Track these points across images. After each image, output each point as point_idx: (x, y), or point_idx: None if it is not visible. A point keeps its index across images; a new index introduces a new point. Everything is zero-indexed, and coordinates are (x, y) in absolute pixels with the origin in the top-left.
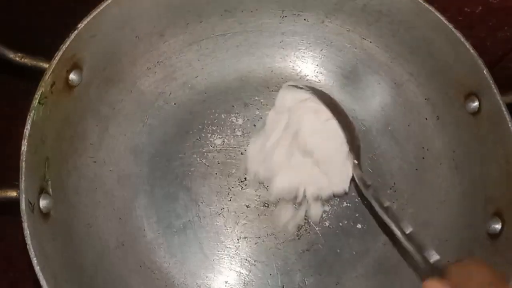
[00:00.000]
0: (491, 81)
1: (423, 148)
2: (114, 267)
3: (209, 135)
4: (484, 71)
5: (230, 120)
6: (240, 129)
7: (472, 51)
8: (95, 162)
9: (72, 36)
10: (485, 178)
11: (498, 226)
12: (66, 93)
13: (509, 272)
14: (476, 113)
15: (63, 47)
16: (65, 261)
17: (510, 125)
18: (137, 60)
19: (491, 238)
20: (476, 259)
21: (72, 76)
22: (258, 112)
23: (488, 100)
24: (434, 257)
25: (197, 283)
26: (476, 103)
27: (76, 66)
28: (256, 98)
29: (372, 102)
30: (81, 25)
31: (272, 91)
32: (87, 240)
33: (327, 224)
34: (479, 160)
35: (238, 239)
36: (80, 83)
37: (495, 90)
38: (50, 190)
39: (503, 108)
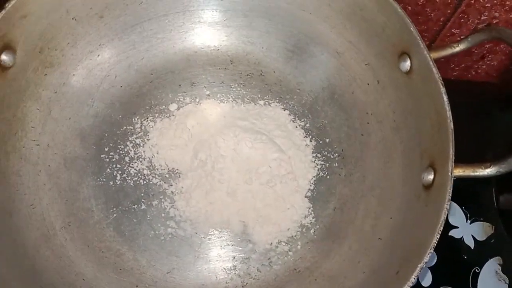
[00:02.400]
0: (419, 38)
1: (367, 113)
2: (60, 247)
3: (157, 115)
4: (411, 28)
5: (177, 99)
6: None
7: (399, 10)
8: (38, 145)
9: (0, 15)
10: (420, 132)
11: (431, 177)
12: None
13: (437, 220)
14: (409, 71)
15: None
16: (1, 239)
17: (437, 78)
18: (77, 42)
19: (426, 189)
20: None
21: (4, 57)
22: (205, 90)
23: (418, 57)
24: None
25: (147, 259)
26: (408, 62)
27: (7, 47)
28: (203, 76)
29: (317, 73)
30: (8, 5)
31: (219, 69)
32: (30, 221)
33: None
34: (414, 117)
35: (188, 215)
36: (14, 64)
37: (423, 47)
38: None
39: (431, 63)
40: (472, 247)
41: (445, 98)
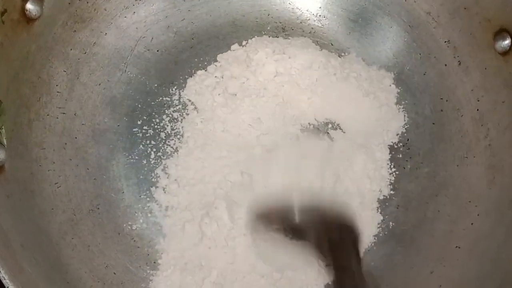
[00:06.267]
0: None
1: (441, 99)
2: (87, 234)
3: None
4: None
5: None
6: None
7: None
8: (64, 113)
9: None
10: None
11: None
12: (23, 27)
13: None
14: (507, 52)
15: None
16: (22, 223)
17: None
18: None
19: None
20: None
21: (30, 6)
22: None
23: None
24: None
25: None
26: (508, 41)
27: None
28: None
29: (383, 48)
30: None
31: (269, 37)
32: (54, 202)
33: None
34: (509, 108)
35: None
36: (40, 16)
37: None
38: (4, 140)
39: None
40: None
41: None
